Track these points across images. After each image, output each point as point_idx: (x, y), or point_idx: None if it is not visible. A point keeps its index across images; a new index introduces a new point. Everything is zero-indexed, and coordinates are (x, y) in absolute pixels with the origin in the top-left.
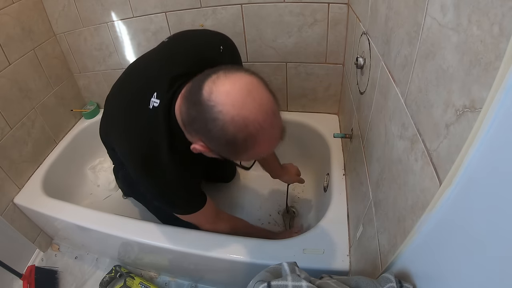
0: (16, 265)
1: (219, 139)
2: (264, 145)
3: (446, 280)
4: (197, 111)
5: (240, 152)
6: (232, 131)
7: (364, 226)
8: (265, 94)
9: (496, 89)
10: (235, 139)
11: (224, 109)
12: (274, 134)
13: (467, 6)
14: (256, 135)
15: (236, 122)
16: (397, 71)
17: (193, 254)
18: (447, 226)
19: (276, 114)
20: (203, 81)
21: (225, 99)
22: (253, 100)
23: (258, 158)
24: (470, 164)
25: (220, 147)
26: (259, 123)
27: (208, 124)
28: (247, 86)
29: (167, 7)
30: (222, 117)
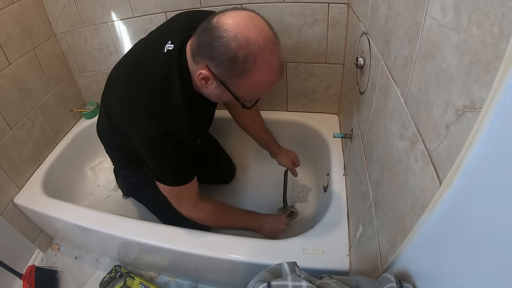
0: (16, 265)
1: (222, 56)
2: (263, 70)
3: (446, 280)
4: (206, 35)
5: (239, 73)
6: (234, 47)
7: (364, 226)
8: (266, 26)
9: (496, 89)
10: (236, 55)
11: (228, 28)
12: (273, 61)
13: (467, 6)
14: (256, 55)
15: (239, 39)
16: (397, 71)
17: (193, 254)
18: (447, 226)
19: (276, 44)
20: (213, 16)
21: (231, 21)
22: (255, 25)
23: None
24: (470, 164)
25: (223, 66)
26: (259, 44)
27: (214, 41)
28: (250, 16)
29: (167, 7)
30: (227, 34)
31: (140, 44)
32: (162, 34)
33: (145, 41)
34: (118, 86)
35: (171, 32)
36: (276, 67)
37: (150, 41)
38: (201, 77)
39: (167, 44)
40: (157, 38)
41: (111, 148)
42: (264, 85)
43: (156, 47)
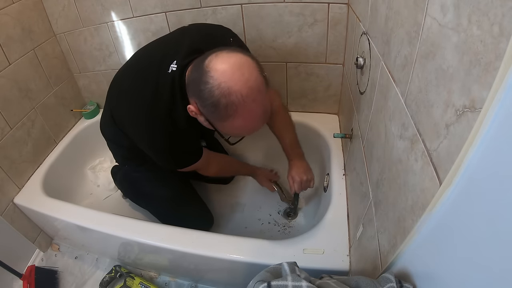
0: (16, 265)
1: (206, 100)
2: (244, 118)
3: (446, 280)
4: (196, 74)
5: (221, 117)
6: (217, 95)
7: (364, 226)
8: (255, 74)
9: (496, 89)
10: (218, 103)
11: (215, 75)
12: (255, 109)
13: (467, 6)
14: (237, 105)
15: (222, 88)
16: (397, 71)
17: (193, 254)
18: (447, 226)
19: (261, 91)
20: (210, 53)
21: (219, 67)
22: (242, 75)
23: (239, 133)
24: (470, 164)
25: (207, 109)
26: (242, 95)
27: (201, 85)
28: (240, 63)
29: (167, 7)
30: (212, 81)
31: (151, 49)
32: (172, 49)
33: (156, 49)
34: (125, 95)
35: (179, 50)
36: (258, 115)
37: (160, 51)
38: (191, 110)
39: (172, 63)
40: (167, 52)
41: (114, 144)
42: (246, 130)
43: (163, 63)
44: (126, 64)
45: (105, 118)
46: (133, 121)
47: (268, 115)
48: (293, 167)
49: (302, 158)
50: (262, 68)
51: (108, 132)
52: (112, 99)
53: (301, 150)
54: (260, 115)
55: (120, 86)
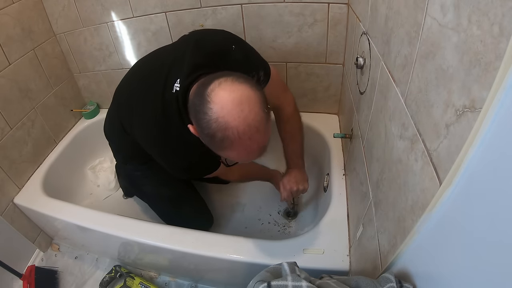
0: (16, 265)
1: (203, 130)
2: (238, 152)
3: (446, 280)
4: (198, 101)
5: (216, 148)
6: (214, 128)
7: (364, 226)
8: (255, 110)
9: (496, 89)
10: (214, 135)
11: (214, 108)
12: (250, 146)
13: (467, 6)
14: (232, 141)
15: (219, 123)
16: (397, 71)
17: (193, 254)
18: (447, 226)
19: (260, 130)
20: (213, 79)
21: (219, 100)
22: (241, 111)
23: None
24: (470, 164)
25: (203, 136)
26: (238, 132)
27: (199, 114)
28: (241, 98)
29: (167, 7)
30: (210, 113)
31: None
32: (175, 65)
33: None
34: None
35: (182, 66)
36: (253, 151)
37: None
38: (191, 131)
39: (176, 82)
40: (170, 68)
41: (116, 146)
42: (239, 160)
43: (168, 81)
44: (130, 72)
45: (111, 120)
46: (147, 139)
47: (264, 149)
48: (287, 175)
49: (300, 169)
50: (266, 101)
51: (112, 133)
52: (120, 107)
53: (302, 161)
54: (255, 151)
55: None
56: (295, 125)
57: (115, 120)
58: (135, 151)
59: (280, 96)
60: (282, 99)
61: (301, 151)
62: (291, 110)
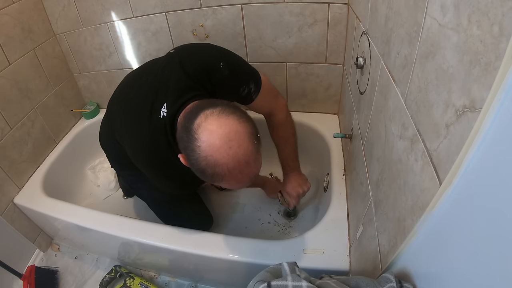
0: (16, 265)
1: (193, 166)
2: (230, 184)
3: (446, 280)
4: (185, 136)
5: (208, 180)
6: (203, 165)
7: (364, 226)
8: (244, 145)
9: (496, 89)
10: (204, 171)
11: (202, 146)
12: (241, 179)
13: (467, 6)
14: (222, 176)
15: (208, 160)
16: (397, 71)
17: (193, 254)
18: (447, 226)
19: (249, 163)
20: (200, 111)
21: (207, 138)
22: (229, 148)
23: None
24: (470, 164)
25: (194, 170)
26: (228, 168)
27: (188, 150)
28: (229, 134)
29: (167, 7)
30: (199, 151)
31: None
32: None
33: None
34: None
35: (168, 90)
36: (244, 182)
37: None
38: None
39: (163, 107)
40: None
41: (111, 154)
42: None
43: (155, 104)
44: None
45: (106, 131)
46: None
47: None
48: (288, 182)
49: (297, 171)
50: (255, 131)
51: (107, 143)
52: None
53: (298, 163)
54: (246, 181)
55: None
56: (288, 129)
57: (109, 131)
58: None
59: (272, 103)
60: (274, 106)
61: (296, 154)
62: (283, 115)
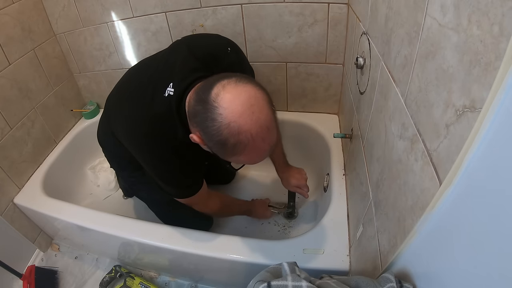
0: (16, 265)
1: (213, 137)
2: (251, 155)
3: (446, 280)
4: (202, 108)
5: (228, 154)
6: (226, 134)
7: (364, 226)
8: (265, 110)
9: (496, 89)
10: (226, 141)
11: (224, 113)
12: (263, 147)
13: (467, 6)
14: (246, 144)
15: (231, 128)
16: (397, 71)
17: (193, 254)
18: (447, 226)
19: (271, 130)
20: (215, 83)
21: (228, 105)
22: (252, 113)
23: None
24: (470, 164)
25: (212, 144)
26: (252, 134)
27: (207, 121)
28: (250, 100)
29: (167, 7)
30: (221, 119)
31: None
32: (166, 71)
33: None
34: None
35: (174, 70)
36: (264, 152)
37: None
38: (194, 139)
39: (168, 86)
40: (161, 74)
41: (110, 153)
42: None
43: (159, 85)
44: (120, 83)
45: (103, 128)
46: (134, 148)
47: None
48: (291, 177)
49: (288, 165)
50: (271, 100)
51: (105, 141)
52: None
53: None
54: (266, 152)
55: (117, 107)
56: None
57: (107, 129)
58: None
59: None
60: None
61: (283, 149)
62: None
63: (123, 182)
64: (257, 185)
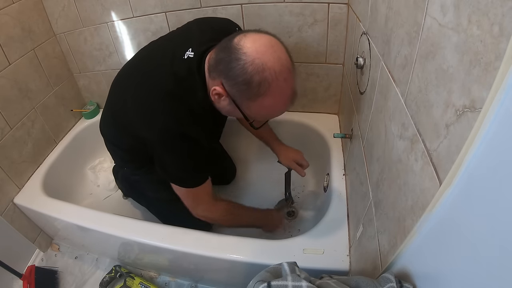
0: (16, 265)
1: (238, 77)
2: (275, 97)
3: (446, 280)
4: (225, 53)
5: (252, 95)
6: (251, 71)
7: (364, 226)
8: (284, 53)
9: (496, 89)
10: (251, 79)
11: (248, 51)
12: (285, 89)
13: (467, 6)
14: (270, 82)
15: (256, 64)
16: (397, 71)
17: (193, 254)
18: (447, 226)
19: (291, 71)
20: (236, 35)
21: (251, 45)
22: (274, 52)
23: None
24: (470, 164)
25: (237, 87)
26: (275, 71)
27: (232, 62)
28: (271, 42)
29: (167, 7)
30: (245, 57)
31: (158, 44)
32: (183, 40)
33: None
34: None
35: (192, 39)
36: (288, 96)
37: (170, 43)
38: (215, 93)
39: (187, 51)
40: (177, 42)
41: (113, 146)
42: (273, 111)
43: (177, 51)
44: (128, 63)
45: (105, 118)
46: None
47: (295, 97)
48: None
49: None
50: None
51: (108, 132)
52: (115, 97)
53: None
54: (289, 96)
55: (125, 83)
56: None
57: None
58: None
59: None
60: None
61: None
62: None
63: (123, 182)
64: (258, 185)
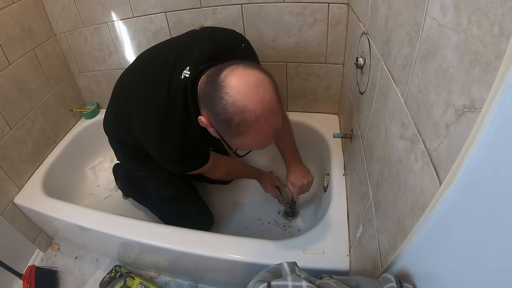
0: (16, 265)
1: (219, 116)
2: (255, 136)
3: (446, 280)
4: (211, 88)
5: (232, 133)
6: (231, 112)
7: (364, 226)
8: (270, 93)
9: (496, 89)
10: (231, 120)
11: (230, 92)
12: (266, 129)
13: (467, 6)
14: (250, 123)
15: (236, 106)
16: (397, 71)
17: (193, 254)
18: (447, 226)
19: (275, 112)
20: (225, 67)
21: (235, 85)
22: (257, 94)
23: (248, 148)
24: (470, 164)
25: (218, 124)
26: (256, 114)
27: (215, 100)
28: (256, 81)
29: (167, 7)
30: (227, 98)
31: (161, 52)
32: (184, 54)
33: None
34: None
35: (192, 55)
36: (269, 134)
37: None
38: (201, 121)
39: (185, 70)
40: (179, 57)
41: (117, 143)
42: (255, 146)
43: (176, 68)
44: (132, 65)
45: (109, 118)
46: (143, 127)
47: (278, 133)
48: (291, 172)
49: (300, 162)
50: (277, 87)
51: (111, 131)
52: (118, 101)
53: (299, 155)
54: (270, 135)
55: (129, 89)
56: (285, 118)
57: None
58: (134, 150)
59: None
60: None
61: (295, 145)
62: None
63: (124, 180)
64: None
